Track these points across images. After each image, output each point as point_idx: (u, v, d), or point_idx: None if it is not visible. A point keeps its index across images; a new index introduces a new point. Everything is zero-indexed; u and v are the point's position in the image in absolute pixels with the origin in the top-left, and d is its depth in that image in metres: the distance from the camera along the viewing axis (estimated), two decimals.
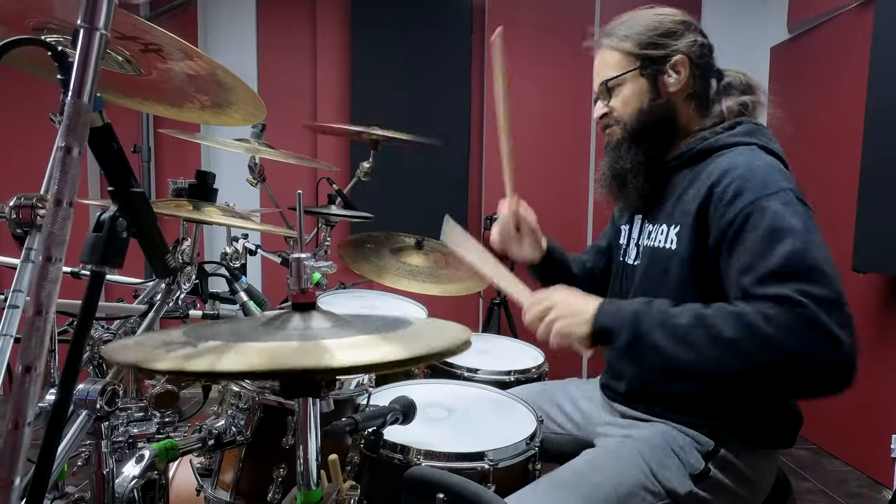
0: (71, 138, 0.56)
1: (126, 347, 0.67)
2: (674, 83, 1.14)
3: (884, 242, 2.45)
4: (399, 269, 1.85)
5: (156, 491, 0.90)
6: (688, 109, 1.17)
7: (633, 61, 1.15)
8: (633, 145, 1.16)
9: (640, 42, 1.14)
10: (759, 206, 0.95)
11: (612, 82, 1.17)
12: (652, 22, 1.16)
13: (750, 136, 1.09)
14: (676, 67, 1.13)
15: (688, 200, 1.07)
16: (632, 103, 1.16)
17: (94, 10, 0.58)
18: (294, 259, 0.77)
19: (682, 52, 1.13)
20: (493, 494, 0.98)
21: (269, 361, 0.59)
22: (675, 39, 1.14)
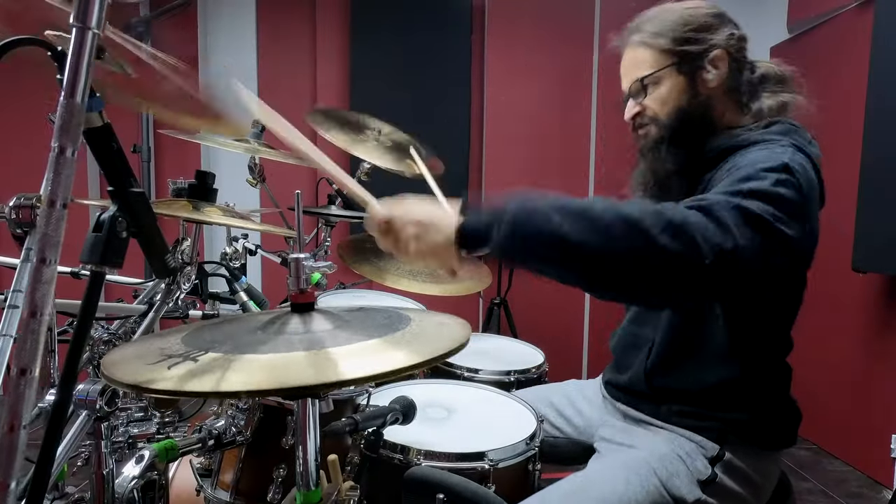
0: (64, 139, 0.56)
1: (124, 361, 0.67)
2: (713, 79, 1.09)
3: (884, 242, 2.44)
4: (399, 269, 1.85)
5: (156, 491, 0.90)
6: (725, 105, 1.12)
7: (670, 57, 1.09)
8: (674, 145, 1.10)
9: (675, 38, 1.09)
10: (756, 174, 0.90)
11: (647, 80, 1.11)
12: (685, 16, 1.10)
13: (784, 136, 1.04)
14: (715, 62, 1.09)
15: None
16: (670, 101, 1.10)
17: (86, 9, 0.57)
18: (293, 259, 0.77)
19: (720, 45, 1.09)
20: (493, 494, 0.98)
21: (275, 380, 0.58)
22: (711, 33, 1.09)
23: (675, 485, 1.05)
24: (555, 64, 3.60)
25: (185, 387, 0.57)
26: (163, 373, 0.61)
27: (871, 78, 2.53)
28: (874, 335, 2.67)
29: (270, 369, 0.61)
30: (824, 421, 2.92)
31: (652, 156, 1.13)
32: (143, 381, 0.58)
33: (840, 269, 2.64)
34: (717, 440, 1.08)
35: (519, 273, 1.22)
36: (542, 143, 3.62)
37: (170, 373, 0.60)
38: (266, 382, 0.58)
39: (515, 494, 1.10)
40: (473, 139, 3.63)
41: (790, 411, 1.12)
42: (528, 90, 3.59)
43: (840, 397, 2.83)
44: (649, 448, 1.11)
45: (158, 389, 0.58)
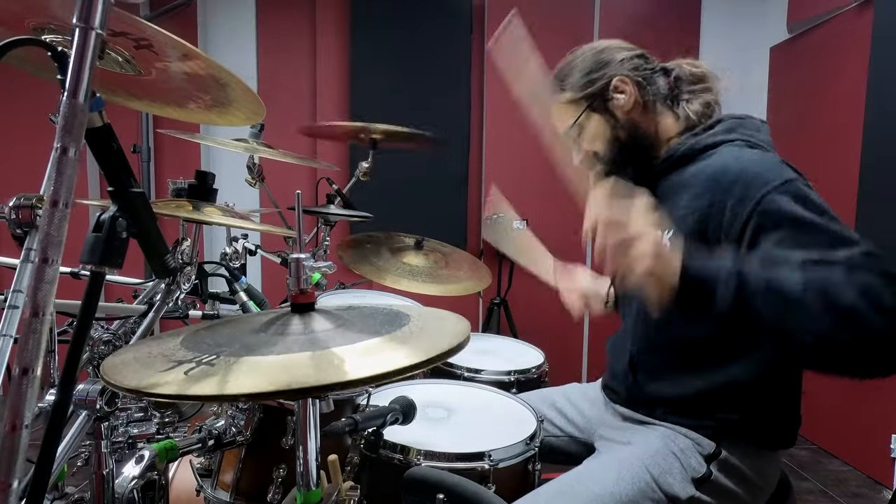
0: (67, 139, 0.56)
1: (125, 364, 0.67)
2: (624, 102, 1.16)
3: (883, 242, 2.43)
4: (399, 269, 1.85)
5: (156, 491, 0.90)
6: (652, 119, 1.18)
7: (580, 104, 1.20)
8: (616, 171, 1.19)
9: (577, 86, 1.20)
10: (771, 201, 0.91)
11: (573, 130, 1.22)
12: (579, 65, 1.21)
13: (731, 133, 1.09)
14: (619, 89, 1.17)
15: (681, 206, 1.06)
16: (598, 137, 1.19)
17: (89, 9, 0.58)
18: (293, 259, 0.77)
19: (616, 74, 1.17)
20: (493, 494, 0.98)
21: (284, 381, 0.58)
22: (605, 68, 1.18)
23: (667, 482, 1.05)
24: (555, 64, 3.59)
25: (190, 391, 0.57)
26: (165, 376, 0.61)
27: (870, 78, 2.53)
28: None
29: (280, 372, 0.61)
30: (824, 421, 2.92)
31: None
32: (146, 386, 0.58)
33: None
34: (713, 438, 1.08)
35: (518, 274, 1.26)
36: (542, 143, 3.61)
37: (173, 377, 0.60)
38: (274, 384, 0.57)
39: (515, 494, 1.10)
40: (473, 139, 3.63)
41: (789, 413, 1.12)
42: None
43: (840, 397, 2.83)
44: (644, 445, 1.11)
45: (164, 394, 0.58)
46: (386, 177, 2.48)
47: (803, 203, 0.90)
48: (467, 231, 3.58)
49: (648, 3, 3.52)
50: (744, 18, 3.57)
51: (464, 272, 1.93)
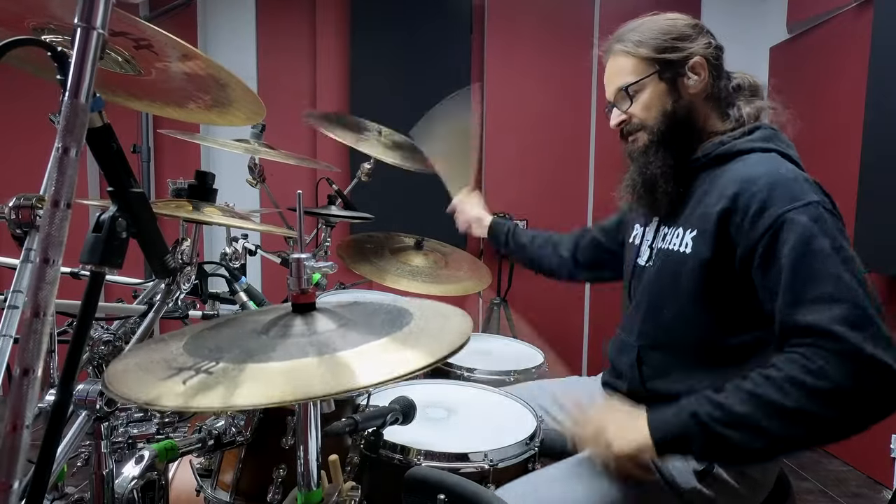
0: (68, 139, 0.56)
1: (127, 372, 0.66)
2: (694, 85, 1.13)
3: (883, 242, 2.44)
4: (399, 270, 1.85)
5: (155, 491, 0.89)
6: (707, 111, 1.16)
7: (652, 65, 1.14)
8: (663, 149, 1.14)
9: (656, 46, 1.14)
10: (787, 220, 0.94)
11: (632, 88, 1.15)
12: (665, 26, 1.15)
13: (768, 142, 1.09)
14: (696, 69, 1.13)
15: (708, 205, 1.06)
16: (654, 107, 1.15)
17: (91, 9, 0.57)
18: (294, 259, 0.77)
19: (699, 53, 1.13)
20: (493, 494, 0.97)
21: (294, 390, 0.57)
22: (690, 42, 1.14)
23: (670, 469, 1.05)
24: (554, 64, 3.60)
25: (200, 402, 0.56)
26: (171, 387, 0.60)
27: (870, 78, 2.53)
28: None
29: (286, 378, 0.60)
30: None
31: (641, 160, 1.17)
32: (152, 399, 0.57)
33: None
34: None
35: (518, 273, 1.26)
36: (541, 142, 3.62)
37: (178, 387, 0.60)
38: (285, 394, 0.56)
39: None
40: None
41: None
42: (527, 90, 3.59)
43: None
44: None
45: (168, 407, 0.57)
46: (386, 177, 2.48)
47: (820, 232, 0.92)
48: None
49: (648, 3, 3.53)
50: (744, 18, 3.57)
51: (464, 272, 1.93)
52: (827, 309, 0.88)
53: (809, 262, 0.91)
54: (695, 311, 1.09)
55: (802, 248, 0.92)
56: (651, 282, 1.17)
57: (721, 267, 1.04)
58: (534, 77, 3.59)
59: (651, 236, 1.23)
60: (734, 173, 1.05)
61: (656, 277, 1.16)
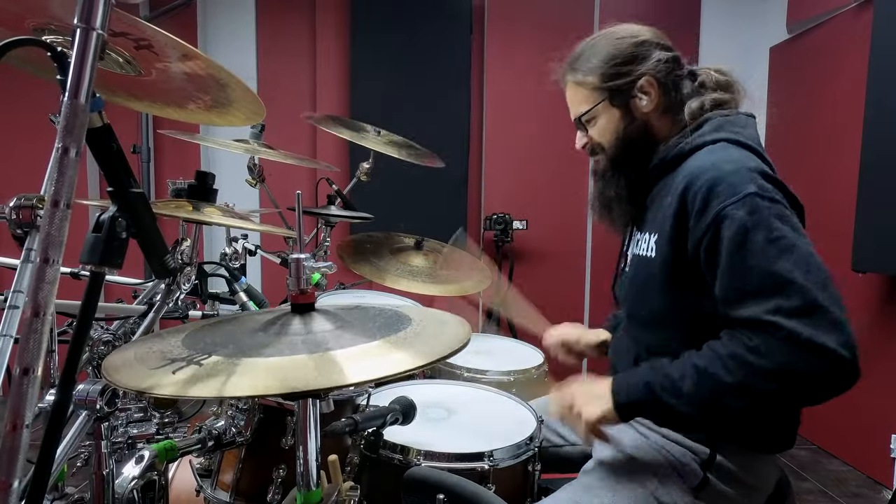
0: (68, 139, 0.56)
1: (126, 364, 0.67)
2: (646, 104, 1.14)
3: (883, 242, 2.44)
4: (399, 270, 1.85)
5: (155, 492, 0.90)
6: (663, 123, 1.16)
7: (602, 93, 1.15)
8: (617, 172, 1.18)
9: (603, 74, 1.14)
10: (724, 217, 0.95)
11: (585, 117, 1.19)
12: (611, 51, 1.15)
13: (718, 132, 1.08)
14: (644, 89, 1.13)
15: (664, 207, 1.07)
16: (608, 133, 1.17)
17: (90, 10, 0.58)
18: (293, 260, 0.77)
19: (647, 73, 1.13)
20: (493, 495, 0.98)
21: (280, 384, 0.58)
22: (637, 64, 1.13)
23: (666, 492, 1.05)
24: (553, 64, 3.59)
25: (190, 391, 0.57)
26: (166, 377, 0.61)
27: (870, 78, 2.53)
28: (874, 335, 2.67)
29: (276, 372, 0.61)
30: (824, 421, 2.92)
31: (601, 183, 1.23)
32: (147, 387, 0.58)
33: (840, 269, 2.64)
34: (708, 444, 1.07)
35: (518, 274, 1.27)
36: (541, 143, 3.62)
37: (174, 377, 0.60)
38: (272, 386, 0.57)
39: (515, 494, 1.10)
40: (473, 139, 3.63)
41: (787, 415, 1.11)
42: (527, 90, 3.59)
43: (840, 397, 2.83)
44: (639, 456, 1.11)
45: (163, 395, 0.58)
46: (386, 177, 2.48)
47: (755, 225, 0.93)
48: (467, 231, 3.58)
49: (648, 3, 3.53)
50: (744, 18, 3.57)
51: (463, 272, 1.93)
52: (763, 302, 0.90)
53: (744, 258, 0.93)
54: (665, 312, 1.09)
55: (737, 245, 0.94)
56: (629, 287, 1.18)
57: (680, 265, 1.04)
58: (534, 77, 3.58)
59: (628, 242, 1.25)
60: (683, 172, 1.06)
61: (631, 282, 1.17)
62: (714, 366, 0.94)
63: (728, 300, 0.95)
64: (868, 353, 2.91)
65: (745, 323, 0.92)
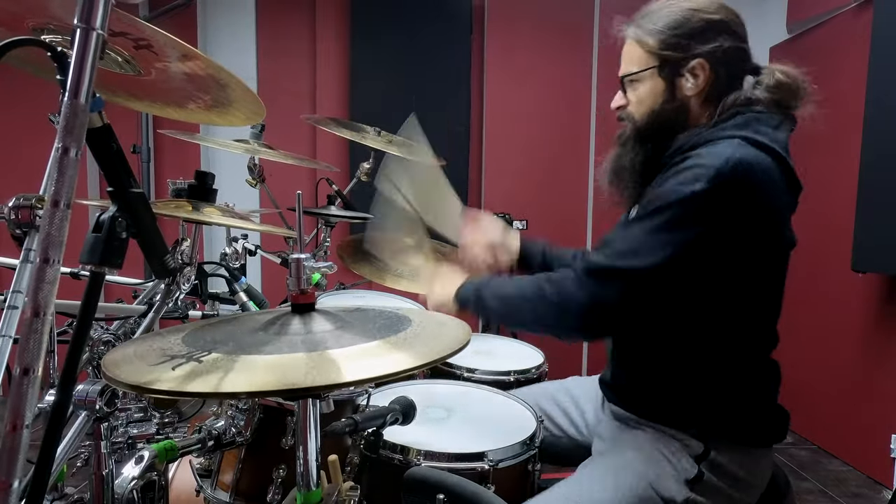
0: (68, 139, 0.56)
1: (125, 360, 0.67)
2: (690, 87, 1.09)
3: (883, 242, 2.44)
4: (398, 270, 1.85)
5: (155, 492, 0.89)
6: (700, 110, 1.12)
7: (654, 59, 1.10)
8: (637, 145, 1.14)
9: (661, 40, 1.09)
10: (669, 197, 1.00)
11: (630, 78, 1.14)
12: (679, 18, 1.09)
13: (739, 129, 1.03)
14: (694, 71, 1.08)
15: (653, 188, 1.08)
16: (645, 103, 1.13)
17: (90, 10, 0.58)
18: (293, 260, 0.77)
19: (702, 55, 1.07)
20: (493, 495, 0.98)
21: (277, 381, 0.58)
22: (698, 41, 1.08)
23: (663, 485, 1.05)
24: (554, 64, 3.60)
25: (188, 387, 0.57)
26: (166, 373, 0.61)
27: (870, 78, 2.53)
28: (874, 335, 2.67)
29: (274, 370, 0.61)
30: (824, 421, 2.92)
31: (619, 149, 1.19)
32: (146, 382, 0.58)
33: (840, 269, 2.64)
34: (700, 438, 1.08)
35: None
36: (541, 143, 3.62)
37: (173, 373, 0.60)
38: (269, 383, 0.58)
39: (515, 494, 1.10)
40: (473, 139, 3.63)
41: (774, 411, 1.12)
42: (527, 90, 3.59)
43: (840, 397, 2.83)
44: (636, 450, 1.11)
45: (161, 390, 0.58)
46: None
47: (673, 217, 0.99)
48: None
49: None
50: (744, 18, 3.56)
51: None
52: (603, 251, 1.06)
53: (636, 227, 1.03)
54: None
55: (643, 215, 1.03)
56: None
57: None
58: (534, 77, 3.59)
59: None
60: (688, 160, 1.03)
61: None
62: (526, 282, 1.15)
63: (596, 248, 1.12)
64: (868, 353, 2.92)
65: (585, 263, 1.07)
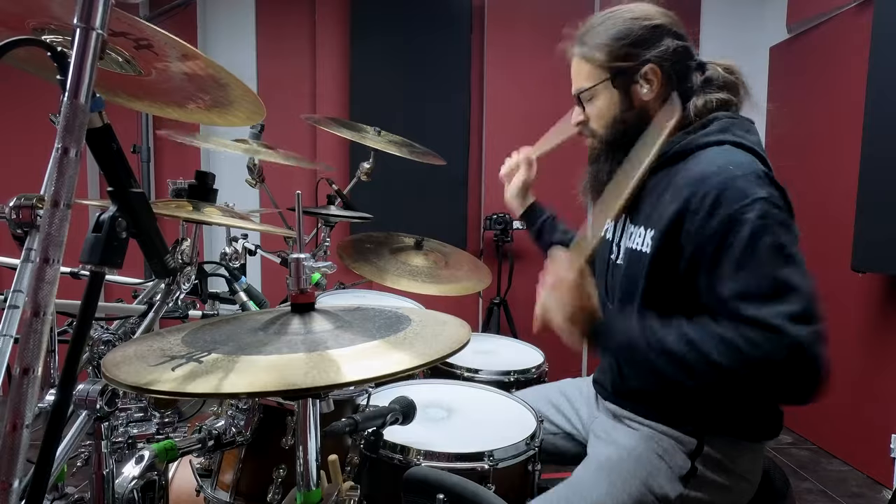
0: (68, 139, 0.56)
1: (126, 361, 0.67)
2: (646, 92, 1.12)
3: (883, 242, 2.44)
4: (399, 270, 1.85)
5: (155, 491, 0.90)
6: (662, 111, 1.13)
7: (604, 73, 1.14)
8: (609, 157, 1.17)
9: (609, 53, 1.13)
10: (736, 221, 0.95)
11: (584, 94, 1.18)
12: (623, 28, 1.13)
13: (723, 134, 1.07)
14: (647, 77, 1.11)
15: (664, 205, 1.06)
16: (605, 115, 1.16)
17: (90, 10, 0.58)
18: (294, 259, 0.77)
19: (651, 60, 1.10)
20: (493, 494, 0.98)
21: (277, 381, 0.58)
22: (645, 48, 1.11)
23: (657, 483, 1.06)
24: (554, 64, 3.59)
25: (189, 388, 0.57)
26: (166, 374, 0.61)
27: (870, 77, 2.53)
28: (874, 335, 2.67)
29: (273, 370, 0.61)
30: (824, 421, 2.92)
31: (594, 166, 1.22)
32: (146, 383, 0.58)
33: (839, 269, 2.64)
34: (694, 434, 1.09)
35: (518, 273, 1.27)
36: None
37: (173, 374, 0.60)
38: (269, 384, 0.58)
39: (515, 494, 1.10)
40: (473, 139, 3.63)
41: (769, 408, 1.12)
42: (527, 90, 3.59)
43: (840, 397, 2.83)
44: (629, 448, 1.12)
45: (161, 391, 0.58)
46: (386, 177, 2.48)
47: (764, 230, 0.94)
48: (467, 231, 3.58)
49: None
50: (744, 18, 3.57)
51: (464, 272, 1.93)
52: (769, 305, 0.92)
53: (754, 262, 0.94)
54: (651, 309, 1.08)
55: (748, 248, 0.94)
56: (621, 280, 1.17)
57: (670, 266, 1.04)
58: (534, 77, 3.59)
59: (619, 233, 1.23)
60: (688, 172, 1.04)
61: (623, 275, 1.16)
62: (706, 343, 0.94)
63: (731, 300, 0.95)
64: (868, 353, 2.92)
65: (747, 321, 0.92)
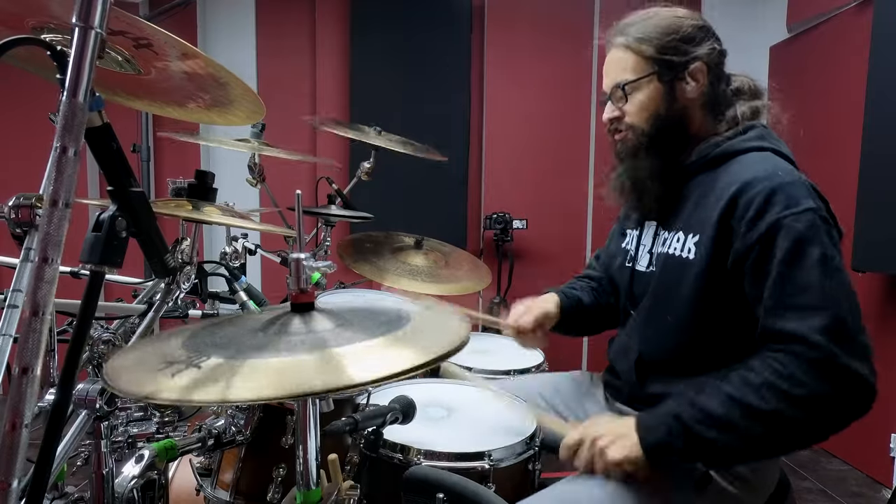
0: (67, 138, 0.56)
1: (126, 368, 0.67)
2: (691, 91, 1.11)
3: (883, 242, 2.44)
4: (399, 269, 1.85)
5: (155, 491, 0.90)
6: (701, 116, 1.14)
7: (652, 65, 1.11)
8: (650, 152, 1.13)
9: (659, 46, 1.10)
10: (783, 227, 0.94)
11: (628, 86, 1.12)
12: (672, 25, 1.11)
13: (762, 141, 1.08)
14: (695, 75, 1.10)
15: (707, 208, 1.05)
16: (648, 109, 1.12)
17: (89, 9, 0.57)
18: (293, 259, 0.77)
19: (701, 58, 1.10)
20: (493, 494, 0.97)
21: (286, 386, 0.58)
22: (694, 46, 1.10)
23: (669, 489, 1.04)
24: (554, 64, 3.60)
25: (192, 395, 0.57)
26: (168, 381, 0.60)
27: (870, 77, 2.53)
28: (874, 335, 2.64)
29: (279, 375, 0.61)
30: None
31: (630, 162, 1.16)
32: (150, 393, 0.58)
33: None
34: None
35: (518, 273, 1.26)
36: (541, 143, 3.62)
37: (175, 381, 0.60)
38: (276, 389, 0.57)
39: (515, 494, 1.10)
40: (473, 139, 3.63)
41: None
42: (527, 90, 3.59)
43: None
44: None
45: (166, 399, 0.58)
46: (386, 177, 2.48)
47: (812, 241, 0.93)
48: (467, 231, 3.58)
49: (649, 5, 3.53)
50: (744, 18, 3.56)
51: (464, 272, 1.93)
52: (808, 318, 0.90)
53: (798, 271, 0.92)
54: (695, 317, 1.08)
55: (793, 256, 0.93)
56: (655, 288, 1.16)
57: (719, 270, 1.03)
58: (534, 77, 3.59)
59: (649, 241, 1.21)
60: (732, 175, 1.04)
61: (659, 283, 1.15)
62: (748, 395, 0.91)
63: (773, 308, 0.94)
64: None
65: (785, 337, 0.91)
